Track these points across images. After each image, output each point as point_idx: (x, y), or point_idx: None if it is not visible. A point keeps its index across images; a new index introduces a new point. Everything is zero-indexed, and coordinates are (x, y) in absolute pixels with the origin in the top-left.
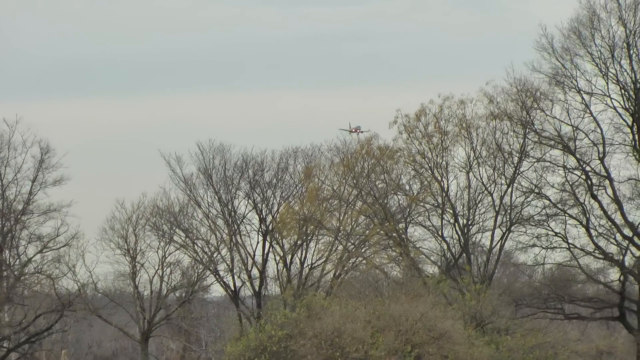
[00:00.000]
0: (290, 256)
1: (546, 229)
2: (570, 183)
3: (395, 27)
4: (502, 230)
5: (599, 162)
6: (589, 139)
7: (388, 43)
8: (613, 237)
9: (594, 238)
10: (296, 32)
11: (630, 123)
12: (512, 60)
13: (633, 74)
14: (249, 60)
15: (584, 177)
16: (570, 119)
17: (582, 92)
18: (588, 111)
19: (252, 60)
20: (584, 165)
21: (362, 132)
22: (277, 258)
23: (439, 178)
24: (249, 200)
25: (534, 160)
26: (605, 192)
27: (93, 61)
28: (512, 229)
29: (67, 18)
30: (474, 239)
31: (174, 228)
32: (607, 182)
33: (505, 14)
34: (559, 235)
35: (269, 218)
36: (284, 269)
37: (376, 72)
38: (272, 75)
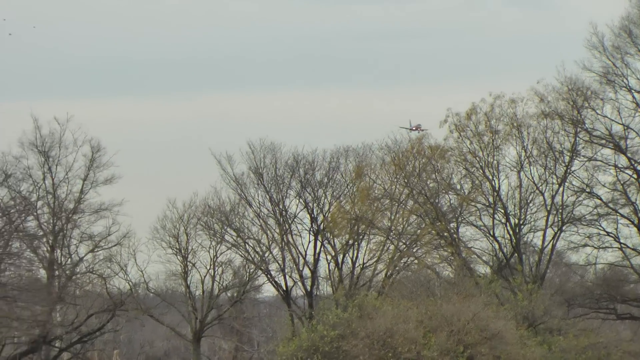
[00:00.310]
0: (341, 256)
1: (598, 228)
2: (622, 182)
3: (446, 25)
4: (553, 230)
5: None
6: None
7: (439, 41)
8: None
9: None
10: (346, 30)
11: None
12: (563, 58)
13: None
14: (297, 59)
15: (635, 176)
16: (621, 118)
17: (633, 91)
18: (639, 110)
19: (301, 59)
20: (635, 164)
21: (422, 130)
22: (329, 258)
23: (490, 177)
24: (300, 200)
25: (585, 159)
26: None
27: (139, 60)
28: (563, 228)
29: (114, 17)
30: (525, 238)
31: (225, 227)
32: None
33: (558, 11)
34: (610, 234)
35: (320, 217)
36: (336, 269)
37: (426, 70)
38: (322, 74)
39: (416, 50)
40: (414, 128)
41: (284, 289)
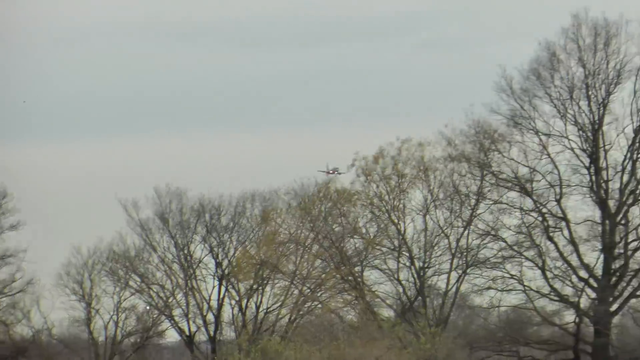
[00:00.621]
0: (245, 300)
1: (502, 271)
2: (527, 225)
3: (353, 68)
4: (458, 272)
5: (556, 203)
6: (546, 180)
7: (346, 84)
8: (569, 279)
9: (550, 280)
10: (257, 73)
11: (587, 164)
12: (473, 102)
13: (591, 115)
14: (204, 103)
15: (540, 219)
16: (527, 161)
17: (539, 134)
18: (545, 152)
19: (207, 103)
20: (540, 207)
21: (339, 173)
22: (233, 302)
23: (396, 221)
24: (205, 245)
25: (491, 202)
26: (562, 233)
27: (46, 104)
28: (468, 271)
29: (24, 60)
30: (430, 282)
31: (130, 273)
32: (563, 223)
33: (468, 55)
34: (514, 277)
35: (225, 262)
36: (240, 314)
37: (335, 113)
38: (229, 118)
39: (324, 93)
40: (331, 171)
41: (188, 334)
